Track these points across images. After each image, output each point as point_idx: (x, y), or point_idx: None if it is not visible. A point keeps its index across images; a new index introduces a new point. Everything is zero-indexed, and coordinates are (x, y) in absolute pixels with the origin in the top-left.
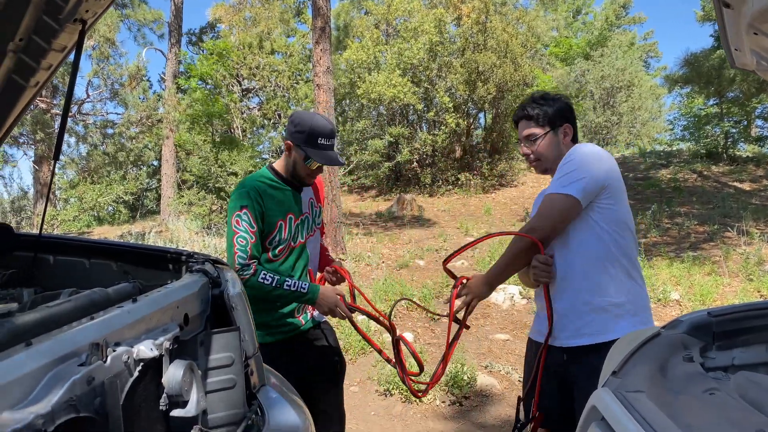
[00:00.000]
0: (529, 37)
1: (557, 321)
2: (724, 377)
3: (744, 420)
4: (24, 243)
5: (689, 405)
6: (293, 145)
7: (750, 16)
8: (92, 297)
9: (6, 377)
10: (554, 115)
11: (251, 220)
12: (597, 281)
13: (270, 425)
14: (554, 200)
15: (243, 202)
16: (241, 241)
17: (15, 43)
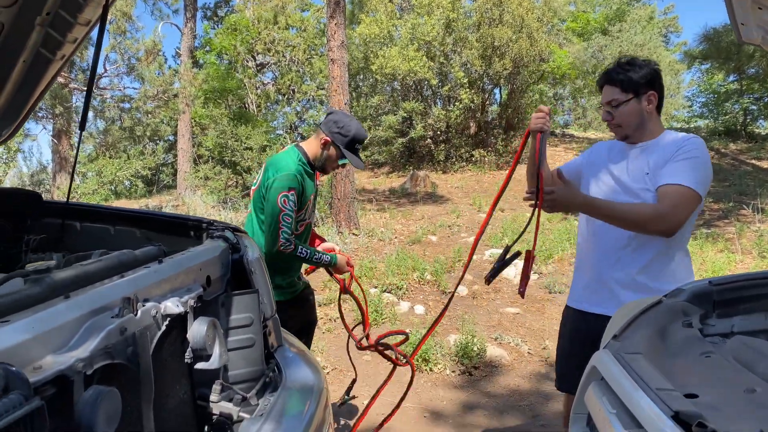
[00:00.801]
0: (545, 11)
1: (604, 288)
2: (720, 341)
3: (736, 379)
4: (52, 210)
5: (685, 366)
6: (332, 142)
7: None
8: (121, 257)
9: (48, 325)
10: (639, 81)
11: (295, 201)
12: (660, 267)
13: (287, 382)
14: (689, 196)
15: (292, 184)
16: (287, 219)
17: (42, 17)
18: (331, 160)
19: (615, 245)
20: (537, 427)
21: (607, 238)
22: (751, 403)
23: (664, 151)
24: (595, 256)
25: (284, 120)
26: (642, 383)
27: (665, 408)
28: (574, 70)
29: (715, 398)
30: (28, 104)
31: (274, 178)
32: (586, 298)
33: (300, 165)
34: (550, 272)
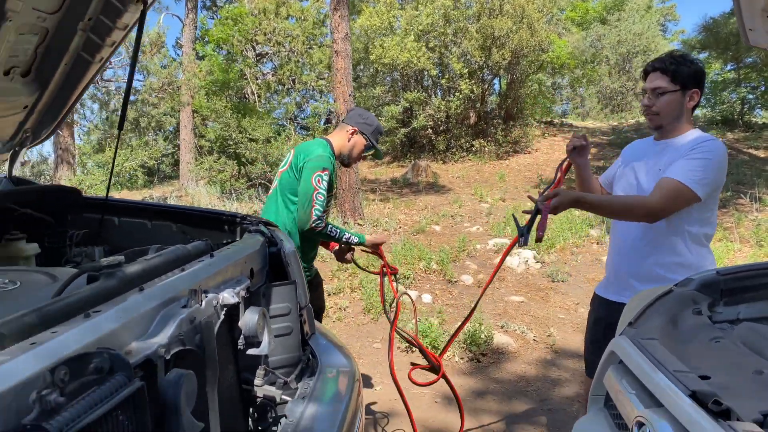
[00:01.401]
0: (545, 1)
1: (629, 279)
2: (728, 327)
3: (744, 362)
4: (91, 205)
5: (697, 350)
6: (360, 132)
7: (764, 1)
8: (176, 252)
9: (130, 315)
10: (689, 76)
11: (328, 182)
12: (677, 259)
13: (323, 367)
14: (683, 193)
15: (327, 165)
16: (320, 197)
17: (84, 23)
18: (358, 150)
19: (631, 237)
20: (544, 411)
21: (625, 230)
22: (760, 384)
23: (682, 148)
24: (617, 246)
25: (284, 111)
26: (660, 365)
27: (683, 387)
28: (573, 60)
29: (726, 380)
30: (67, 105)
31: (307, 159)
32: (609, 286)
33: (329, 153)
34: (553, 261)
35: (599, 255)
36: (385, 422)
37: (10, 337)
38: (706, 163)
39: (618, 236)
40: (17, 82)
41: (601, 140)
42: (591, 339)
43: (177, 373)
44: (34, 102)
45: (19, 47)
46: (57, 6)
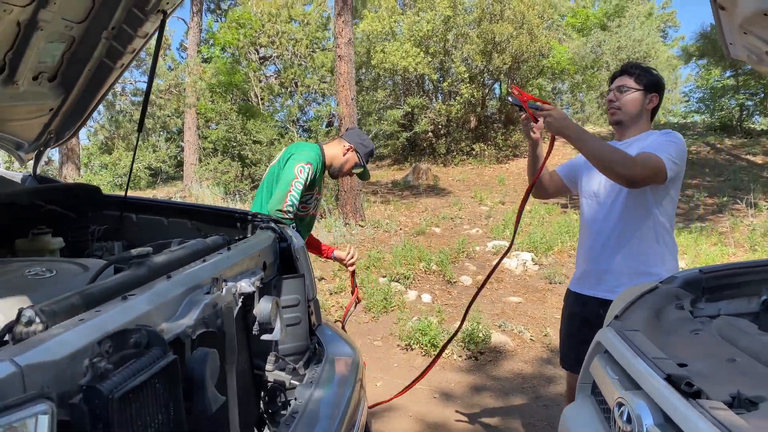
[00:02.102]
0: (546, 7)
1: (600, 274)
2: (707, 321)
3: (720, 351)
4: (111, 203)
5: (677, 341)
6: (355, 150)
7: (741, 18)
8: (197, 245)
9: (161, 299)
10: (650, 81)
11: (309, 176)
12: (651, 253)
13: (329, 355)
14: (660, 168)
15: (311, 159)
16: (299, 186)
17: (108, 31)
18: (349, 166)
19: (603, 231)
20: (540, 407)
21: (597, 226)
22: (732, 371)
23: (648, 141)
24: (588, 242)
25: (287, 113)
26: (640, 353)
27: (660, 372)
28: (573, 66)
29: (702, 367)
30: (89, 108)
31: (294, 152)
32: (581, 282)
33: (318, 155)
34: (550, 263)
35: None
36: (384, 417)
37: (60, 315)
38: (677, 146)
39: (588, 231)
40: (44, 86)
41: None
42: (567, 333)
43: (203, 351)
44: (59, 105)
45: (47, 54)
46: (84, 16)
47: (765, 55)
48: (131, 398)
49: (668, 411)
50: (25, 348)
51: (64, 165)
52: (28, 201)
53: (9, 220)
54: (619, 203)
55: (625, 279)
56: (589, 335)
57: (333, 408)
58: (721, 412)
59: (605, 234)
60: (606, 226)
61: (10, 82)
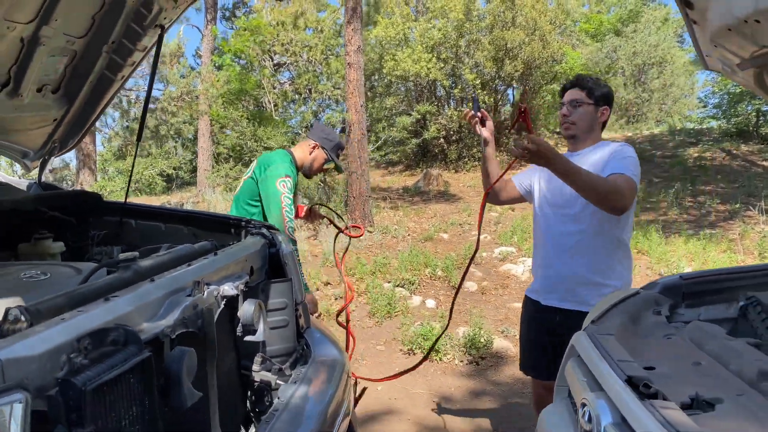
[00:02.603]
0: (558, 13)
1: (558, 282)
2: (682, 326)
3: (688, 354)
4: (111, 209)
5: (649, 345)
6: (320, 146)
7: (710, 32)
8: (185, 250)
9: (142, 300)
10: (601, 94)
11: (291, 187)
12: (605, 263)
13: (315, 357)
14: (634, 187)
15: (288, 172)
16: (287, 200)
17: (108, 45)
18: (318, 163)
19: (563, 242)
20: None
21: (556, 236)
22: (696, 373)
23: (602, 154)
24: (546, 251)
25: (301, 119)
26: (607, 356)
27: (621, 373)
28: (587, 71)
29: (668, 369)
30: (92, 118)
31: (268, 169)
32: (540, 291)
33: (289, 162)
34: None
35: None
36: (383, 420)
37: (45, 314)
38: (635, 162)
39: (546, 241)
40: (48, 98)
41: None
42: (525, 339)
43: (180, 350)
44: (62, 115)
45: (51, 67)
46: (84, 31)
47: (737, 67)
48: (105, 391)
49: (623, 411)
50: (6, 343)
51: (80, 171)
52: (31, 207)
53: (13, 225)
54: (583, 215)
55: (582, 289)
56: (547, 342)
57: (313, 406)
58: (671, 412)
59: (565, 244)
60: (567, 236)
61: (15, 95)
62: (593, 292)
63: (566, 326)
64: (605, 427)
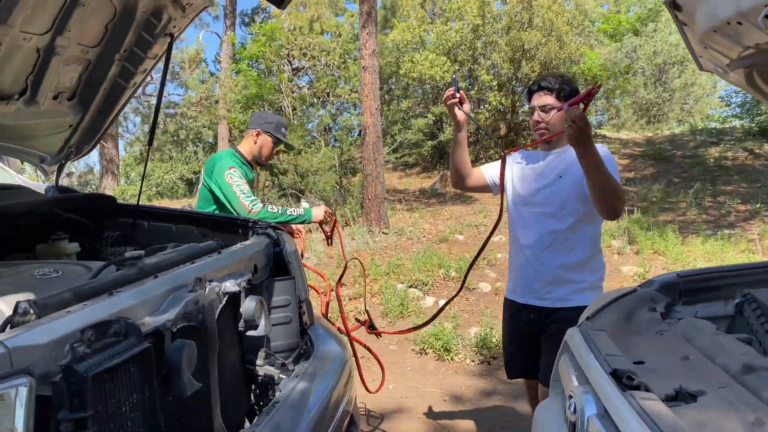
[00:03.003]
0: (576, 14)
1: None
2: (675, 322)
3: (677, 350)
4: (125, 211)
5: (641, 340)
6: (263, 132)
7: (699, 33)
8: (190, 249)
9: (146, 296)
10: (570, 93)
11: (240, 176)
12: (581, 260)
13: (318, 352)
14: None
15: (230, 164)
16: (242, 187)
17: (120, 54)
18: (267, 148)
19: (541, 241)
20: None
21: (533, 235)
22: (683, 367)
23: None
24: (523, 251)
25: (319, 122)
26: (595, 350)
27: (606, 366)
28: (606, 72)
29: (656, 364)
30: (106, 123)
31: (212, 172)
32: (516, 290)
33: (232, 156)
34: None
35: (619, 265)
36: (394, 417)
37: (52, 307)
38: (613, 167)
39: (521, 241)
40: (64, 105)
41: (633, 151)
42: (509, 339)
43: (180, 342)
44: (77, 122)
45: (66, 76)
46: (98, 41)
47: (727, 67)
48: (105, 378)
49: (605, 402)
50: (14, 333)
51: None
52: (48, 210)
53: (31, 227)
54: (561, 214)
55: (560, 287)
56: (527, 340)
57: (313, 399)
58: (650, 402)
59: (542, 243)
60: (544, 235)
61: (33, 102)
62: (571, 288)
63: (544, 323)
64: (588, 417)
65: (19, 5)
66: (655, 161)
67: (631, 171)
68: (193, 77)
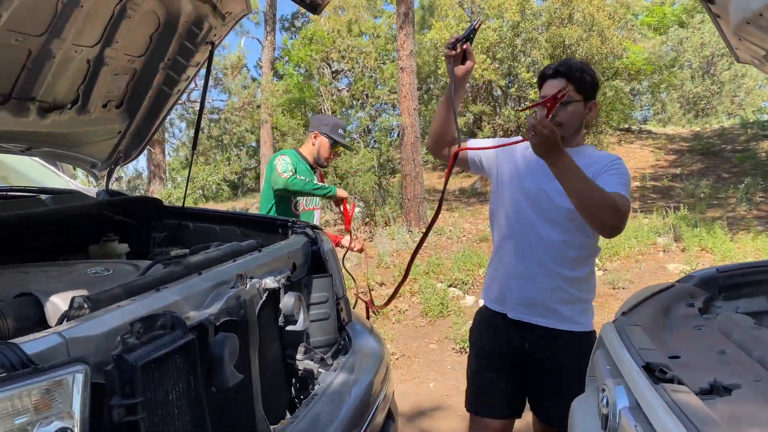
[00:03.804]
0: (617, 7)
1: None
2: (713, 318)
3: (714, 344)
4: (171, 213)
5: (677, 335)
6: (320, 134)
7: (733, 25)
8: (232, 247)
9: (190, 291)
10: (591, 87)
11: (289, 162)
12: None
13: (356, 348)
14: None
15: (284, 153)
16: (284, 164)
17: (165, 62)
18: (325, 149)
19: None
20: None
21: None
22: (719, 362)
23: (593, 164)
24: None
25: (358, 124)
26: (629, 344)
27: (639, 360)
28: (650, 65)
29: (692, 358)
30: (152, 129)
31: (271, 166)
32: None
33: (292, 154)
34: (615, 269)
35: (664, 263)
36: (433, 416)
37: (104, 302)
38: (629, 179)
39: (520, 247)
40: (112, 112)
41: (681, 146)
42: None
43: (223, 335)
44: (125, 128)
45: (114, 85)
46: (143, 50)
47: (764, 59)
48: (153, 368)
49: (636, 394)
50: (71, 326)
51: (151, 180)
52: (99, 213)
53: (83, 229)
54: (572, 225)
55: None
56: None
57: (351, 392)
58: (683, 395)
59: (549, 254)
60: (552, 246)
61: (84, 111)
62: (574, 308)
63: (545, 346)
64: (620, 410)
65: (71, 20)
66: (703, 156)
67: (677, 167)
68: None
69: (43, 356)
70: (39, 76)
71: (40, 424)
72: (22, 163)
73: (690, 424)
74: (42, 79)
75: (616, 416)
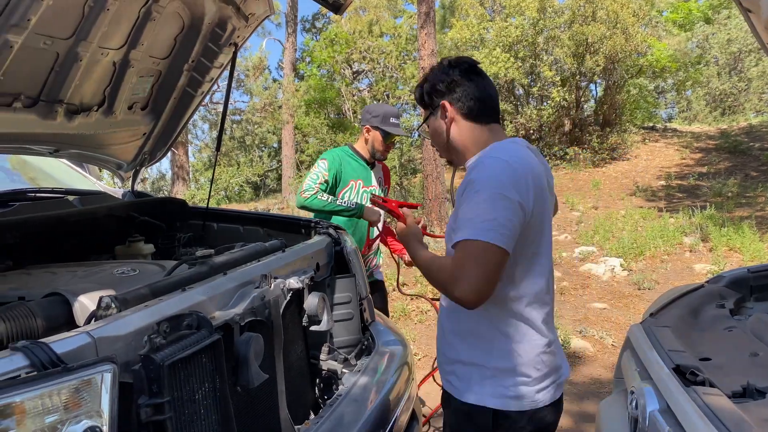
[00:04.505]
0: (642, 4)
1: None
2: (744, 319)
3: (746, 346)
4: (196, 214)
5: (707, 337)
6: (371, 127)
7: (764, 21)
8: (256, 248)
9: (216, 291)
10: (426, 93)
11: (326, 168)
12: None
13: (379, 348)
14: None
15: (326, 156)
16: (314, 176)
17: (189, 64)
18: (378, 141)
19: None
20: None
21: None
22: (752, 364)
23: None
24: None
25: None
26: (658, 346)
27: (669, 362)
28: (675, 63)
29: (724, 360)
30: (176, 130)
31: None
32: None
33: (342, 151)
34: (640, 269)
35: (691, 263)
36: None
37: (131, 302)
38: (477, 202)
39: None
40: (137, 114)
41: (707, 145)
42: None
43: (248, 335)
44: (150, 130)
45: (139, 87)
46: (168, 53)
47: None
48: (180, 367)
49: (666, 397)
50: (99, 325)
51: (175, 181)
52: (125, 213)
53: (110, 230)
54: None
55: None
56: None
57: (374, 393)
58: (715, 398)
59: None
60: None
61: (110, 113)
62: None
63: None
64: (650, 413)
65: (97, 23)
66: (730, 154)
67: (704, 165)
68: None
69: (72, 355)
70: (66, 78)
71: (69, 422)
72: (50, 165)
73: (723, 427)
74: (69, 81)
75: (645, 419)
